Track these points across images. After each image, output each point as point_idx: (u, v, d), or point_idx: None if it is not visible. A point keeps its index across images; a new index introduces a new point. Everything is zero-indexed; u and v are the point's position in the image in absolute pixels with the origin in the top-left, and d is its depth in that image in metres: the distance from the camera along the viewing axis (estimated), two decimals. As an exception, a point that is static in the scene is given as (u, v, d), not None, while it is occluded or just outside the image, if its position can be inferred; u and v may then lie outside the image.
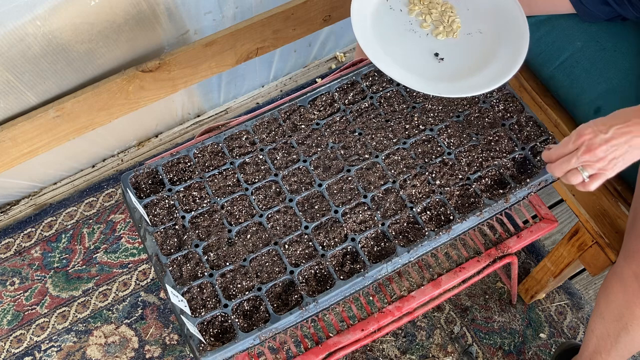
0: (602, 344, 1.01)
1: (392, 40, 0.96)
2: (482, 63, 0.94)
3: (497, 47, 0.95)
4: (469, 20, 0.99)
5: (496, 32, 0.97)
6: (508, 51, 0.93)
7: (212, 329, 0.82)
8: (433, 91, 0.89)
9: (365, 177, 0.93)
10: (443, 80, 0.92)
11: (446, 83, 0.92)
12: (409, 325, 1.33)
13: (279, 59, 1.61)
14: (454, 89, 0.90)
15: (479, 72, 0.93)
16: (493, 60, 0.94)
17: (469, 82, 0.92)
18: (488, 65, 0.93)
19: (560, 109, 1.10)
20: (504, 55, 0.93)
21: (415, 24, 0.98)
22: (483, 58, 0.94)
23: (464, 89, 0.90)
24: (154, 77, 1.27)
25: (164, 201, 0.91)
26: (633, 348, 0.98)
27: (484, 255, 0.97)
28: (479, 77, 0.92)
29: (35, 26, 1.07)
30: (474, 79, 0.92)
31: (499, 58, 0.93)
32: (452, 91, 0.89)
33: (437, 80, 0.92)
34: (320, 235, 0.88)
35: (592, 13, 1.01)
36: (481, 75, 0.92)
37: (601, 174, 0.78)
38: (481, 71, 0.93)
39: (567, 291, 1.38)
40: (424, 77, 0.92)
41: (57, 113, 1.20)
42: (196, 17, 1.29)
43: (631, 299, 0.89)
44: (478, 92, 0.89)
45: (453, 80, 0.92)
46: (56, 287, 1.40)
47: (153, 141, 1.60)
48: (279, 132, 0.98)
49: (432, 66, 0.94)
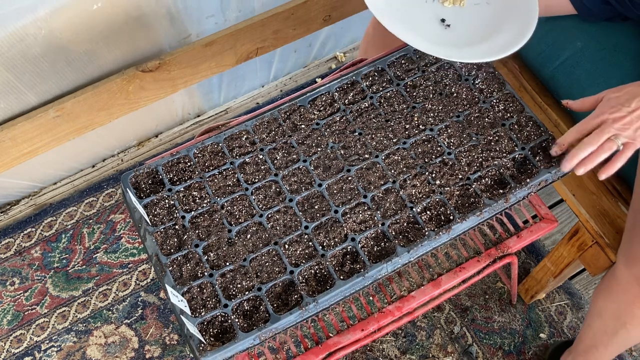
0: (599, 339, 1.02)
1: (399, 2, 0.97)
2: (486, 34, 0.95)
3: (503, 20, 0.96)
4: None
5: (503, 4, 0.97)
6: (514, 26, 0.94)
7: (212, 329, 0.82)
8: (434, 52, 0.90)
9: (365, 177, 0.93)
10: (447, 45, 0.94)
11: (449, 48, 0.93)
12: (409, 325, 1.33)
13: (279, 59, 1.61)
14: (457, 54, 0.91)
15: (483, 43, 0.94)
16: (497, 32, 0.95)
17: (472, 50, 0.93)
18: (492, 37, 0.94)
19: (560, 109, 1.10)
20: (508, 30, 0.94)
21: None
22: (488, 29, 0.95)
23: (466, 56, 0.91)
24: (154, 77, 1.27)
25: (164, 201, 0.91)
26: (628, 343, 1.00)
27: (484, 255, 0.97)
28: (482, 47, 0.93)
29: (36, 27, 1.07)
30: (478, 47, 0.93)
31: (504, 31, 0.94)
32: (454, 55, 0.91)
33: (440, 45, 0.93)
34: (320, 235, 0.88)
35: (593, 12, 1.01)
36: (484, 46, 0.93)
37: (631, 144, 0.80)
38: (485, 42, 0.94)
39: (567, 291, 1.38)
40: (428, 39, 0.93)
41: (57, 113, 1.20)
42: (198, 21, 1.29)
43: (631, 300, 0.90)
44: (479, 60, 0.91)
45: (457, 47, 0.94)
46: (56, 287, 1.40)
47: (153, 141, 1.60)
48: (279, 132, 0.98)
49: (437, 31, 0.96)
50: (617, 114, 0.80)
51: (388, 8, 0.96)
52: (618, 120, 0.80)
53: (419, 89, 1.01)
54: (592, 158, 0.82)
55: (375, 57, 1.06)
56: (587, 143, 0.82)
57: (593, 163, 0.82)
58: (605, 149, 0.81)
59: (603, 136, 0.81)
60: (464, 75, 1.02)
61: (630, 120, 0.79)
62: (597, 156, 0.81)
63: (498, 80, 1.01)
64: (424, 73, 1.03)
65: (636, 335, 0.95)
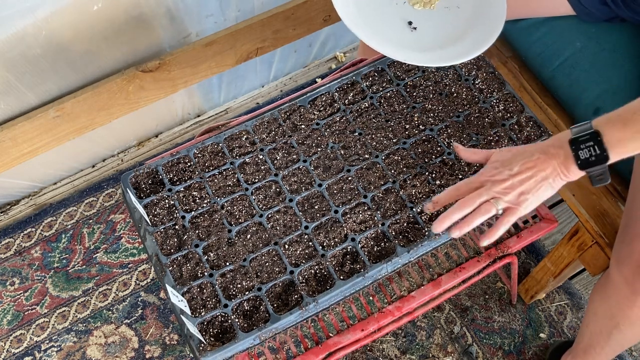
0: (596, 338, 1.02)
1: (369, 3, 0.96)
2: (452, 38, 0.94)
3: (471, 25, 0.94)
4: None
5: (473, 10, 0.96)
6: (479, 32, 0.93)
7: (212, 329, 0.82)
8: (395, 55, 0.89)
9: (365, 177, 0.93)
10: (411, 49, 0.92)
11: (412, 51, 0.92)
12: (409, 325, 1.33)
13: (279, 59, 1.61)
14: (416, 58, 0.90)
15: (446, 47, 0.92)
16: (462, 37, 0.93)
17: (434, 54, 0.91)
18: (457, 41, 0.93)
19: (560, 109, 1.10)
20: (474, 35, 0.93)
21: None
22: (454, 33, 0.94)
23: (426, 60, 0.90)
24: (154, 77, 1.27)
25: (164, 201, 0.91)
26: (625, 344, 1.00)
27: (484, 255, 0.97)
28: (444, 52, 0.92)
29: (36, 28, 1.07)
30: (440, 52, 0.92)
31: (469, 37, 0.93)
32: (413, 59, 0.89)
33: (404, 48, 0.92)
34: (320, 235, 0.88)
35: (591, 13, 1.01)
36: (447, 50, 0.92)
37: (514, 209, 0.75)
38: (448, 46, 0.93)
39: (567, 291, 1.38)
40: (392, 42, 0.92)
41: (57, 113, 1.20)
42: (197, 20, 1.29)
43: (622, 302, 0.91)
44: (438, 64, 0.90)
45: (420, 50, 0.92)
46: (56, 287, 1.40)
47: (153, 141, 1.60)
48: (279, 132, 0.98)
49: (403, 34, 0.94)
50: (498, 176, 0.75)
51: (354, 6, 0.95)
52: (499, 183, 0.75)
53: (419, 89, 1.01)
54: (468, 221, 0.76)
55: (375, 57, 1.06)
56: (462, 204, 0.76)
57: (469, 226, 0.76)
58: (482, 212, 0.75)
59: (479, 198, 0.75)
60: (464, 75, 1.03)
61: (512, 185, 0.74)
62: (474, 219, 0.76)
63: (498, 80, 1.02)
64: (424, 73, 1.03)
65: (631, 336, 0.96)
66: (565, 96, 1.05)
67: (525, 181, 0.74)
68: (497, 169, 0.76)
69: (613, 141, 0.71)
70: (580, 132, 0.72)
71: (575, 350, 1.14)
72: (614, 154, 0.71)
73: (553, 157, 0.74)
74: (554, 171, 0.74)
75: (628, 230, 0.89)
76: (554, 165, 0.74)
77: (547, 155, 0.74)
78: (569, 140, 0.73)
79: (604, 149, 0.71)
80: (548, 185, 0.74)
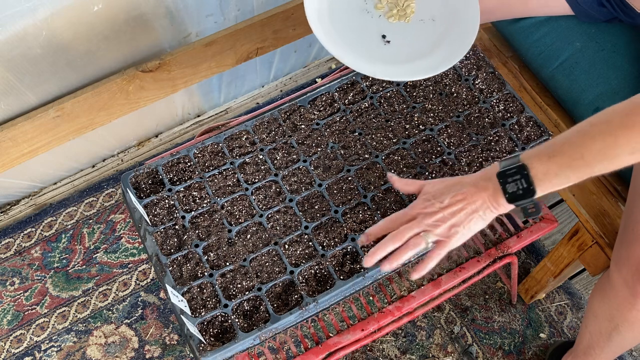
0: (596, 340, 1.02)
1: (343, 16, 0.96)
2: (424, 51, 0.93)
3: (443, 38, 0.94)
4: (425, 6, 0.98)
5: (447, 23, 0.96)
6: (451, 45, 0.93)
7: (212, 329, 0.82)
8: (367, 71, 0.89)
9: (365, 177, 0.93)
10: (384, 62, 0.92)
11: (385, 65, 0.91)
12: (409, 325, 1.33)
13: (279, 59, 1.61)
14: (388, 72, 0.90)
15: (418, 60, 0.92)
16: (434, 50, 0.93)
17: (406, 68, 0.91)
18: (427, 56, 0.93)
19: (560, 109, 1.10)
20: (446, 48, 0.93)
21: (370, 4, 0.98)
22: (427, 46, 0.94)
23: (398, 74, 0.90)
24: (154, 77, 1.27)
25: (164, 201, 0.91)
26: (625, 345, 1.00)
27: (484, 255, 0.97)
28: (415, 65, 0.91)
29: (36, 28, 1.07)
30: (411, 66, 0.91)
31: (441, 50, 0.93)
32: (385, 74, 0.89)
33: (377, 62, 0.92)
34: (320, 235, 0.88)
35: (589, 14, 1.01)
36: (417, 63, 0.92)
37: (444, 242, 0.74)
38: (419, 59, 0.92)
39: (567, 291, 1.38)
40: (364, 57, 0.92)
41: (57, 113, 1.20)
42: (197, 20, 1.29)
43: (622, 303, 0.91)
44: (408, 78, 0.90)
45: (392, 64, 0.92)
46: (56, 287, 1.40)
47: (153, 141, 1.60)
48: (279, 132, 0.98)
49: (377, 47, 0.94)
50: (429, 209, 0.74)
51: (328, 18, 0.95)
52: (429, 216, 0.74)
53: (418, 89, 1.01)
54: (397, 255, 0.75)
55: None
56: (392, 238, 0.75)
57: (399, 261, 0.75)
58: (411, 246, 0.74)
59: (409, 232, 0.74)
60: (464, 75, 1.03)
61: (443, 217, 0.73)
62: (403, 253, 0.74)
63: (498, 80, 1.02)
64: (424, 73, 1.03)
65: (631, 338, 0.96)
66: (565, 96, 1.05)
67: (456, 214, 0.73)
68: (429, 200, 0.75)
69: (539, 175, 0.70)
70: (507, 166, 0.72)
71: (575, 351, 1.14)
72: (541, 188, 0.70)
73: (483, 189, 0.73)
74: (484, 204, 0.73)
75: (628, 232, 0.89)
76: (484, 197, 0.73)
77: (477, 188, 0.74)
78: (497, 173, 0.72)
79: (531, 182, 0.70)
80: (479, 217, 0.74)
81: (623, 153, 0.67)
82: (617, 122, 0.67)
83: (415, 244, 0.74)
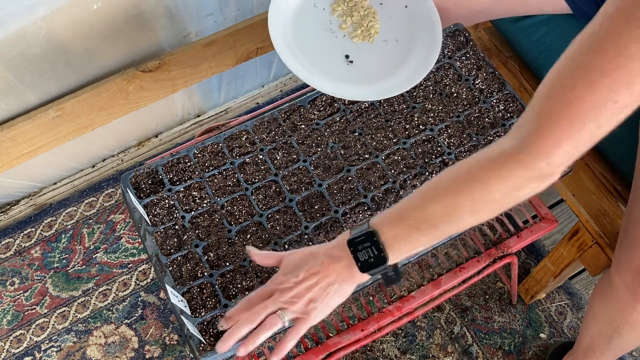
0: (596, 342, 1.02)
1: (308, 35, 0.97)
2: (385, 72, 0.95)
3: (406, 58, 0.96)
4: (389, 27, 0.99)
5: (410, 44, 0.97)
6: (412, 66, 0.94)
7: (212, 329, 0.82)
8: (329, 90, 0.90)
9: (365, 177, 0.93)
10: (345, 82, 0.93)
11: (347, 85, 0.93)
12: (409, 325, 1.33)
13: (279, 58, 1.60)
14: (349, 92, 0.91)
15: (378, 81, 0.94)
16: (394, 71, 0.95)
17: (366, 88, 0.93)
18: (387, 77, 0.94)
19: (560, 109, 1.10)
20: (407, 69, 0.94)
21: (334, 24, 0.99)
22: (389, 67, 0.95)
23: (358, 94, 0.91)
24: (154, 77, 1.27)
25: (164, 201, 0.91)
26: (625, 348, 1.00)
27: (484, 255, 0.97)
28: (375, 86, 0.93)
29: (36, 27, 1.07)
30: (371, 86, 0.93)
31: (403, 69, 0.94)
32: (346, 93, 0.90)
33: (338, 81, 0.93)
34: (320, 235, 0.88)
35: (588, 14, 1.01)
36: (377, 84, 0.93)
37: (303, 319, 0.70)
38: (380, 80, 0.94)
39: (567, 291, 1.38)
40: (327, 75, 0.93)
41: (57, 113, 1.20)
42: (197, 19, 1.29)
43: (623, 307, 0.91)
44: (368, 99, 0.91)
45: (354, 83, 0.93)
46: (56, 287, 1.40)
47: (153, 141, 1.60)
48: (279, 132, 0.98)
49: (339, 67, 0.95)
50: (285, 284, 0.69)
51: (292, 36, 0.96)
52: (286, 292, 0.69)
53: (419, 89, 1.01)
54: (252, 338, 0.70)
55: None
56: (246, 320, 0.70)
57: (255, 343, 0.70)
58: (267, 327, 0.70)
59: (264, 312, 0.70)
60: (464, 75, 1.02)
61: (298, 293, 0.68)
62: (259, 335, 0.70)
63: (498, 81, 1.01)
64: (424, 73, 1.03)
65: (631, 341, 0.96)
66: (566, 96, 1.05)
67: (312, 288, 0.69)
68: (286, 275, 0.71)
69: (389, 239, 0.66)
70: (357, 233, 0.68)
71: (575, 352, 1.13)
72: (394, 254, 0.67)
73: (337, 260, 0.69)
74: (339, 276, 0.69)
75: (629, 235, 0.88)
76: (338, 270, 0.69)
77: (332, 259, 0.70)
78: (347, 241, 0.68)
79: (381, 249, 0.66)
80: (334, 292, 0.69)
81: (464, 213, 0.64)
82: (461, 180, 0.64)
83: (272, 324, 0.70)
